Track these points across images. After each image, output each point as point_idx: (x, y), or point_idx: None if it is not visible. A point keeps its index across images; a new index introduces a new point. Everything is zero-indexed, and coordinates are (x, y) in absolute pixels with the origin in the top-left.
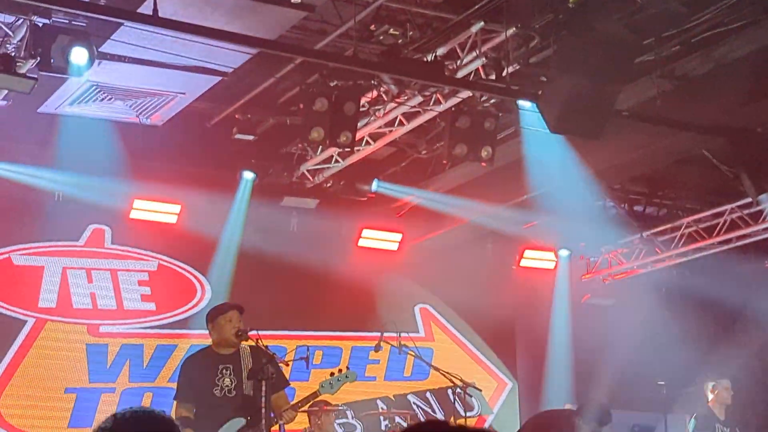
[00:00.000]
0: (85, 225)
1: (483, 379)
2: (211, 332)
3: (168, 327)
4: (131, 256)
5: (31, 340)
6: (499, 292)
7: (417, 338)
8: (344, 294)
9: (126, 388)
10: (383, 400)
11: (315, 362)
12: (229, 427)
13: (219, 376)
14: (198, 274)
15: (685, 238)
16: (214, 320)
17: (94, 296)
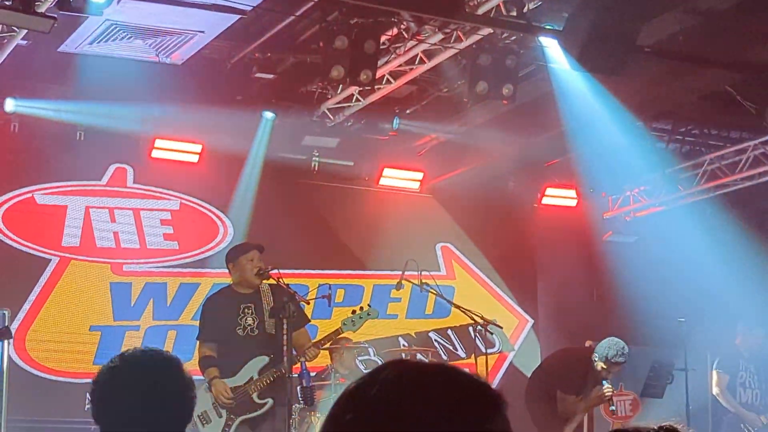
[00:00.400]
0: (107, 164)
1: (504, 317)
2: (231, 272)
3: (190, 266)
4: (153, 195)
5: (55, 279)
6: (521, 230)
7: (438, 276)
8: (366, 233)
9: (150, 326)
10: (405, 338)
11: (337, 300)
12: (252, 365)
13: (241, 315)
14: (220, 214)
15: (707, 175)
16: (235, 260)
17: (117, 235)
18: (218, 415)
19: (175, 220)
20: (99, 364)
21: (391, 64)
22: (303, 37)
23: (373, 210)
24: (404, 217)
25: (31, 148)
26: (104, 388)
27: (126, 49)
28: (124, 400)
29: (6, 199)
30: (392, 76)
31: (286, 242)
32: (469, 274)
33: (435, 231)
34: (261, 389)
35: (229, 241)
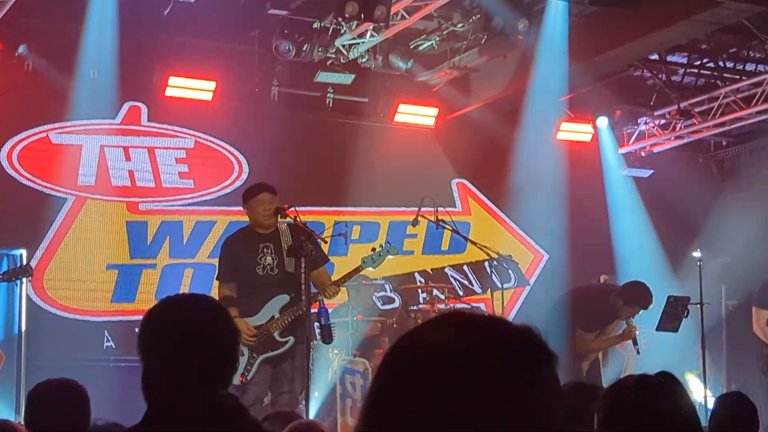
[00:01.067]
0: (121, 103)
1: (519, 252)
2: (246, 212)
3: (206, 204)
4: (168, 133)
5: (71, 218)
6: (536, 165)
7: (454, 212)
8: (381, 169)
9: (167, 264)
10: (421, 274)
11: (353, 237)
12: (273, 304)
13: (260, 255)
14: (235, 151)
15: (723, 108)
16: (247, 202)
17: (133, 174)
18: (240, 354)
19: (190, 158)
20: (117, 302)
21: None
22: None
23: (388, 146)
24: (419, 153)
25: (45, 88)
26: (154, 326)
27: None
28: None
29: (21, 138)
30: (407, 12)
31: (301, 179)
32: (485, 210)
33: (450, 167)
34: (282, 327)
35: (244, 179)
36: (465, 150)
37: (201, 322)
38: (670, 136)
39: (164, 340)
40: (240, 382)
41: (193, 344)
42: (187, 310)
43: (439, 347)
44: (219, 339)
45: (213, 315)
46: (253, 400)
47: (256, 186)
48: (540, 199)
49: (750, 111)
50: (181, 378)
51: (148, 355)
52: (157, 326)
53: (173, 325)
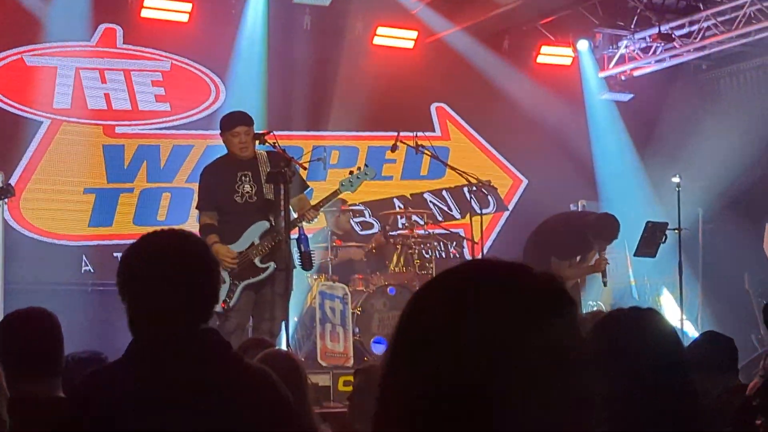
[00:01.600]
0: (96, 24)
1: (498, 177)
2: (224, 142)
3: (183, 128)
4: (144, 56)
5: (47, 141)
6: (516, 89)
7: (433, 137)
8: (359, 93)
9: (144, 188)
10: (400, 199)
11: (332, 162)
12: (253, 230)
13: (239, 183)
14: (212, 74)
15: (704, 32)
16: (223, 134)
17: (109, 97)
18: (222, 281)
19: (167, 81)
20: (94, 226)
21: None
22: None
23: (367, 70)
24: (398, 77)
25: (19, 10)
26: (132, 263)
27: None
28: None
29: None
30: None
31: (279, 104)
32: (464, 135)
33: (429, 91)
34: (263, 254)
35: (221, 103)
36: (444, 74)
37: (179, 258)
38: (650, 60)
39: (143, 278)
40: (222, 308)
41: (172, 280)
42: (165, 247)
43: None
44: (198, 273)
45: (191, 250)
46: (235, 326)
47: (232, 118)
48: (520, 123)
49: (731, 35)
50: (162, 314)
51: (127, 293)
52: (136, 263)
53: (152, 261)
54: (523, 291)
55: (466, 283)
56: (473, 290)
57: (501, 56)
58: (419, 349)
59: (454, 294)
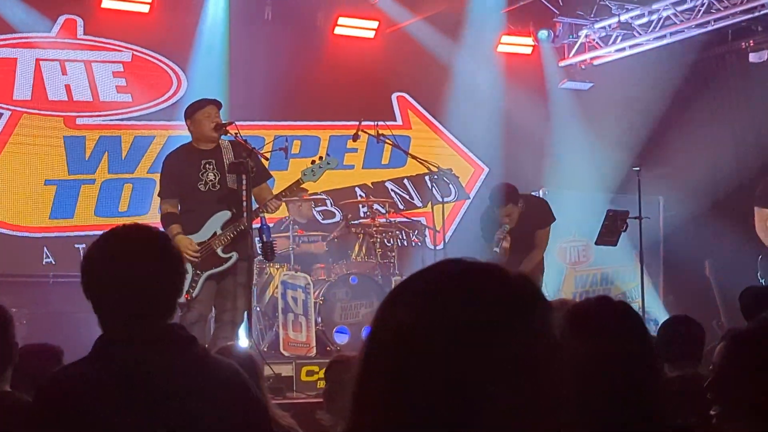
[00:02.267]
0: (56, 15)
1: (459, 165)
2: (190, 128)
3: (145, 119)
4: (104, 47)
5: (7, 134)
6: (477, 79)
7: (394, 126)
8: (321, 83)
9: (105, 180)
10: (362, 188)
11: (293, 152)
12: (215, 220)
13: (203, 171)
14: (173, 65)
15: (663, 21)
16: (192, 116)
17: (69, 88)
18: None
19: (128, 72)
20: (55, 218)
21: None
22: None
23: (328, 60)
24: (360, 67)
25: None
26: (94, 262)
27: None
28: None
29: None
30: None
31: (240, 93)
32: (425, 124)
33: (391, 80)
34: (225, 244)
35: (183, 93)
36: (405, 64)
37: (141, 255)
38: (610, 49)
39: (105, 276)
40: (185, 299)
41: (134, 277)
42: (126, 243)
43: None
44: (160, 269)
45: (153, 246)
46: (197, 317)
47: (202, 100)
48: (480, 112)
49: (689, 24)
50: (126, 312)
51: (91, 292)
52: (98, 262)
53: (114, 259)
54: (499, 292)
55: (442, 285)
56: (449, 291)
57: (462, 45)
58: (395, 349)
59: (431, 295)
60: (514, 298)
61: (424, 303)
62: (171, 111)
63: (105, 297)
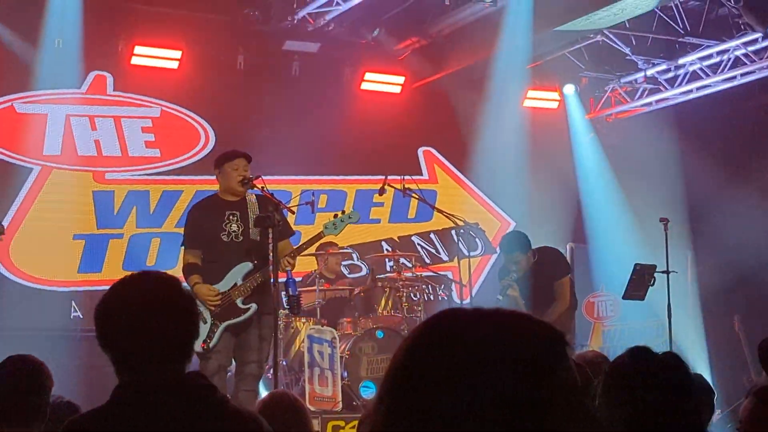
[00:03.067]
0: (87, 72)
1: (486, 219)
2: (218, 178)
3: (173, 173)
4: (134, 102)
5: (37, 188)
6: (503, 133)
7: (420, 180)
8: (348, 138)
9: (134, 234)
10: (388, 242)
11: (320, 206)
12: (236, 271)
13: (226, 222)
14: (201, 120)
15: (689, 76)
16: (221, 166)
17: (99, 143)
18: (203, 321)
19: (157, 128)
20: (83, 272)
21: None
22: None
23: (355, 115)
24: (386, 122)
25: (9, 57)
26: (106, 312)
27: None
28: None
29: None
30: None
31: (268, 148)
32: (451, 178)
33: (417, 135)
34: (245, 295)
35: (211, 148)
36: (431, 118)
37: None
38: (636, 103)
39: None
40: (202, 348)
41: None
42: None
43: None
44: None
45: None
46: (216, 368)
47: (232, 151)
48: (507, 166)
49: (716, 79)
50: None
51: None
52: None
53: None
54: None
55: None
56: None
57: (487, 100)
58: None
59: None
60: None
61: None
62: (199, 166)
63: (118, 345)
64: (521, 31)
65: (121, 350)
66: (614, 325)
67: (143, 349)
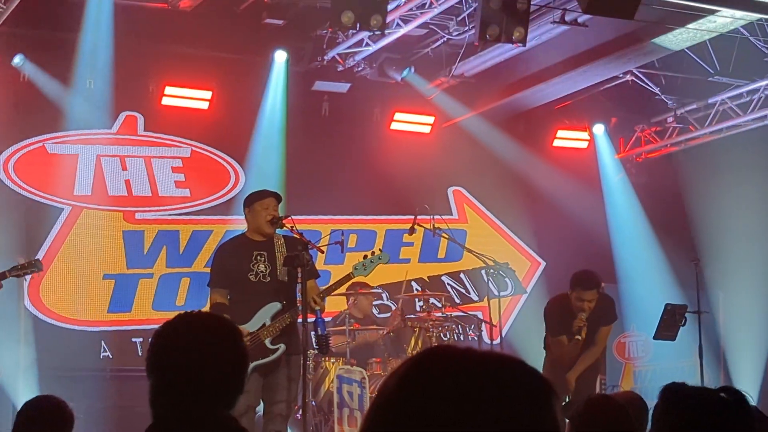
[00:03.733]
0: (118, 112)
1: (516, 259)
2: (247, 217)
3: (203, 213)
4: (164, 142)
5: (68, 228)
6: (533, 172)
7: (450, 220)
8: (377, 177)
9: (163, 274)
10: (418, 282)
11: (349, 246)
12: (265, 311)
13: (254, 262)
14: (231, 160)
15: (719, 115)
16: (251, 205)
17: (129, 183)
18: None
19: (187, 168)
20: (113, 312)
21: (401, 8)
22: None
23: (384, 154)
24: (416, 161)
25: (41, 98)
26: (165, 339)
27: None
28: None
29: (17, 148)
30: (403, 20)
31: (298, 188)
32: (481, 218)
33: (446, 175)
34: (273, 335)
35: (241, 188)
36: (461, 158)
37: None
38: (666, 143)
39: (170, 358)
40: None
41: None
42: (200, 328)
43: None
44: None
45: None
46: (245, 408)
47: (264, 191)
48: (537, 206)
49: (746, 118)
50: (186, 394)
51: (153, 372)
52: (169, 340)
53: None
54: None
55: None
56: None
57: (517, 140)
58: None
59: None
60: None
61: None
62: (229, 205)
63: (168, 375)
64: (550, 71)
65: (165, 378)
66: (645, 366)
67: (187, 382)
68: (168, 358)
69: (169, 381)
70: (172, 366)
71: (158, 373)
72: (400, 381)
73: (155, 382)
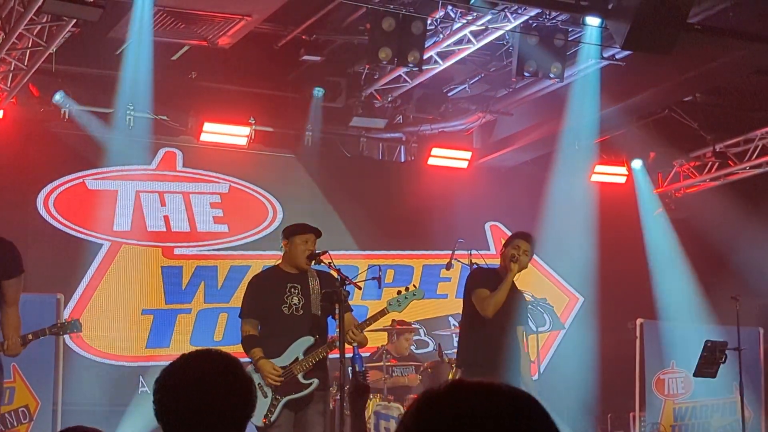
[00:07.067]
0: (157, 149)
1: (554, 295)
2: (285, 247)
3: (241, 248)
4: (203, 178)
5: (107, 264)
6: (571, 208)
7: (488, 255)
8: (415, 213)
9: (201, 309)
10: (455, 317)
11: (387, 281)
12: (297, 345)
13: (287, 294)
14: (269, 196)
15: (758, 150)
16: (291, 238)
17: (168, 219)
18: (263, 395)
19: (225, 203)
20: (152, 347)
21: (438, 44)
22: (350, 18)
23: (421, 190)
24: (453, 197)
25: (81, 134)
26: (165, 385)
27: (173, 34)
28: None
29: (57, 185)
30: (440, 57)
31: (335, 223)
32: None
33: (484, 210)
34: (306, 370)
35: (279, 223)
36: (498, 193)
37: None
38: (705, 178)
39: (175, 396)
40: (263, 423)
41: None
42: (202, 368)
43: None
44: (233, 397)
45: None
46: None
47: (305, 225)
48: (575, 241)
49: None
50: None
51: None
52: (170, 382)
53: (186, 381)
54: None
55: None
56: None
57: (555, 175)
58: None
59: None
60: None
61: None
62: (267, 241)
63: (172, 418)
64: (588, 106)
65: (173, 425)
66: (686, 403)
67: (196, 425)
68: (170, 406)
69: (180, 423)
70: (174, 413)
71: (165, 421)
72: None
73: (168, 429)
